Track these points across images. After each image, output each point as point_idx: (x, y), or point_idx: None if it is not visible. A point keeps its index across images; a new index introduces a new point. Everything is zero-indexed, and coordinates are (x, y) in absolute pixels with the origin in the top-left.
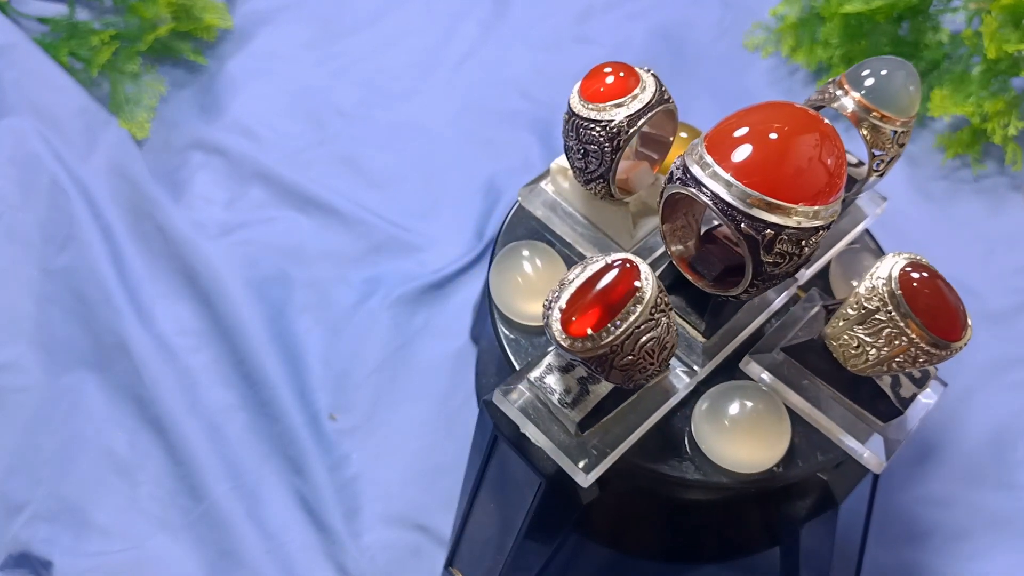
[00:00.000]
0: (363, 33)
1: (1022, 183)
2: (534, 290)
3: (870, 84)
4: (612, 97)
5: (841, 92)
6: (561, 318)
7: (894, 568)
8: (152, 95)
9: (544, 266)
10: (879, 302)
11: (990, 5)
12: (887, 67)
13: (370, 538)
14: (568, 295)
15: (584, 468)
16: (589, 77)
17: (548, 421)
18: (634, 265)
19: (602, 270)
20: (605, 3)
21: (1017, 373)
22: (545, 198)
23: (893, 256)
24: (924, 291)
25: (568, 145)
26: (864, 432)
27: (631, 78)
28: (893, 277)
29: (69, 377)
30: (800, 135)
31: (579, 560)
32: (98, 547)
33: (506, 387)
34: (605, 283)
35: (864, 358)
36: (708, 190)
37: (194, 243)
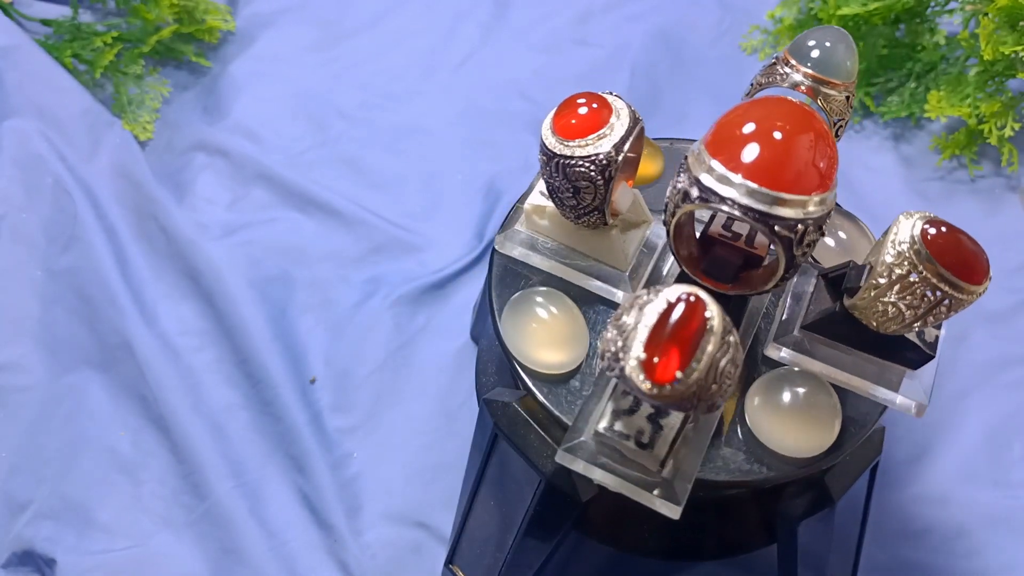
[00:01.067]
0: (364, 35)
1: (1018, 184)
2: (552, 338)
3: (816, 56)
4: (593, 129)
5: (790, 69)
6: (643, 366)
7: (891, 566)
8: (155, 97)
9: (560, 311)
10: (909, 265)
11: (987, 7)
12: (827, 38)
13: (371, 536)
14: (641, 341)
15: (675, 500)
16: (560, 115)
17: (623, 466)
18: (698, 297)
19: (667, 309)
20: (604, 5)
21: (1014, 372)
22: (522, 238)
23: (906, 217)
24: (948, 244)
25: (554, 185)
26: (897, 382)
27: (604, 107)
28: (916, 238)
29: (72, 377)
30: (797, 126)
31: (578, 558)
32: (101, 545)
33: (568, 446)
34: (676, 320)
35: (900, 320)
36: (735, 202)
37: (197, 244)
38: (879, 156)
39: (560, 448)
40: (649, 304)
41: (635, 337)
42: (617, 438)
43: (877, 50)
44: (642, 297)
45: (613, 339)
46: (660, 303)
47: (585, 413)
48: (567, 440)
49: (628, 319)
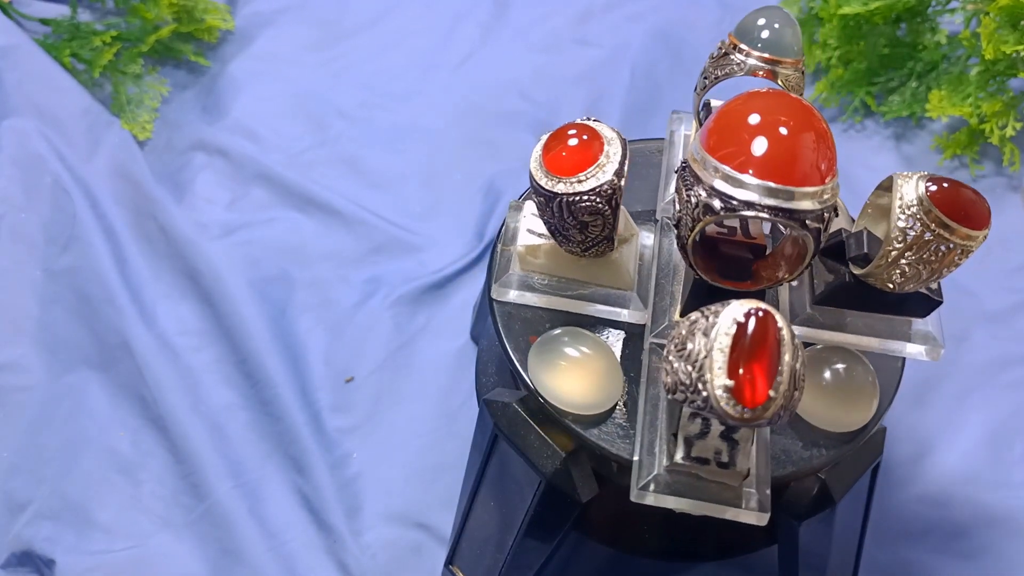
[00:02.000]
0: (364, 35)
1: (1019, 184)
2: (590, 379)
3: (766, 38)
4: (590, 160)
5: (743, 56)
6: (732, 393)
7: (892, 566)
8: (154, 96)
9: (591, 349)
10: (922, 226)
11: (988, 6)
12: (773, 19)
13: (371, 536)
14: (722, 367)
15: (764, 508)
16: (550, 153)
17: (703, 489)
18: (766, 310)
19: (740, 328)
20: (604, 5)
21: (1014, 372)
22: (517, 281)
23: (903, 180)
24: (953, 197)
25: (558, 224)
26: (908, 333)
27: (593, 136)
28: (923, 198)
29: (72, 377)
30: (795, 117)
31: (578, 558)
32: (101, 546)
33: (643, 483)
34: (752, 338)
35: (918, 278)
36: (761, 205)
37: (196, 243)
38: (880, 156)
39: (635, 488)
40: (715, 327)
41: (713, 364)
42: (697, 464)
43: (878, 49)
44: (699, 321)
45: (684, 370)
46: (728, 324)
47: (647, 445)
48: (640, 477)
49: (695, 346)
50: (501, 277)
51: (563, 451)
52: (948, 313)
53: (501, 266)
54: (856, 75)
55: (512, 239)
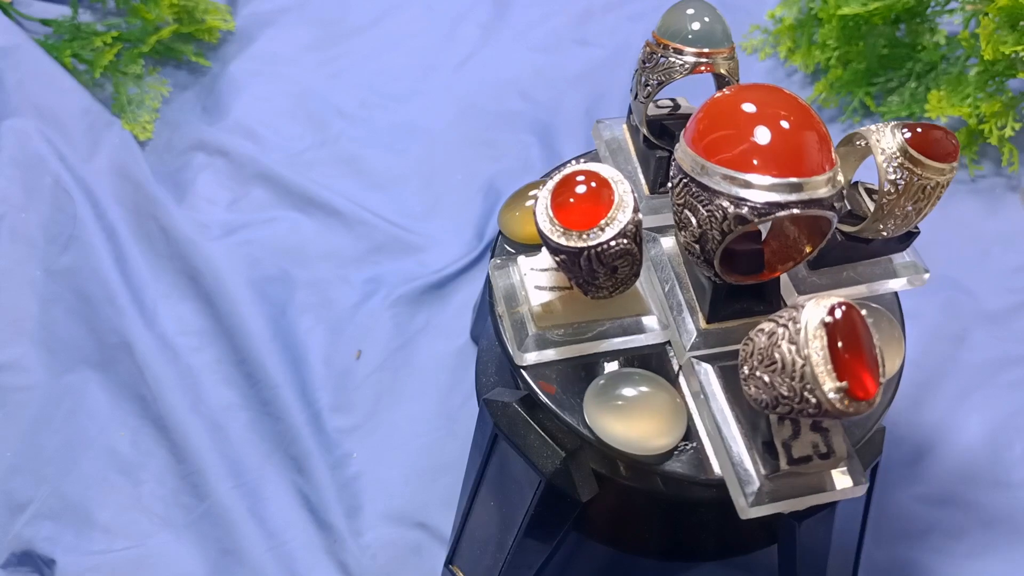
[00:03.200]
0: (364, 35)
1: (1019, 184)
2: (657, 420)
3: (697, 30)
4: (605, 205)
5: (679, 56)
6: (846, 392)
7: (891, 566)
8: (155, 96)
9: (650, 388)
10: (908, 173)
11: (987, 7)
12: (699, 12)
13: (371, 536)
14: (827, 370)
15: (856, 474)
16: (562, 211)
17: (800, 483)
18: (845, 302)
19: (832, 327)
20: (604, 5)
21: (1014, 372)
22: (535, 341)
23: (875, 133)
24: (928, 138)
25: (587, 277)
26: (894, 269)
27: (600, 182)
28: (904, 145)
29: (72, 376)
30: (788, 109)
31: (578, 558)
32: (101, 545)
33: (750, 500)
34: (845, 335)
35: (911, 219)
36: (793, 203)
37: (196, 243)
38: None
39: (746, 507)
40: (802, 333)
41: (815, 368)
42: (801, 464)
43: (878, 50)
44: (777, 331)
45: (782, 383)
46: (815, 327)
47: (738, 461)
48: (745, 495)
49: (786, 357)
50: (521, 342)
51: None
52: (946, 313)
53: (515, 330)
54: (855, 75)
55: (514, 300)
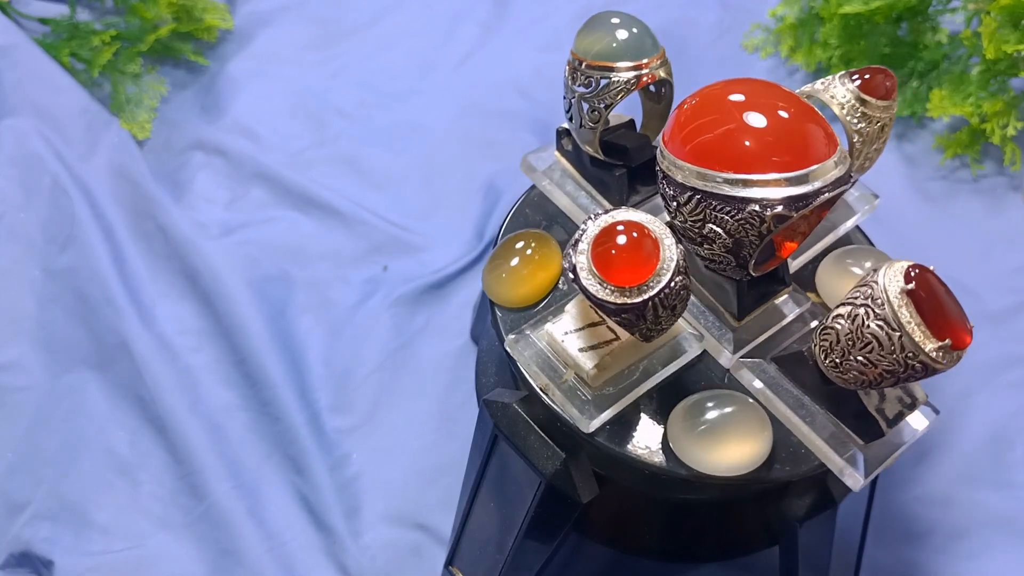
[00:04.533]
0: (363, 34)
1: (1021, 183)
2: (749, 436)
3: (627, 43)
4: (652, 250)
5: (620, 74)
6: (951, 350)
7: (893, 567)
8: (153, 96)
9: (738, 408)
10: (867, 118)
11: (989, 6)
12: (621, 25)
13: (370, 537)
14: (927, 333)
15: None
16: (611, 271)
17: (887, 440)
18: (917, 265)
19: (916, 293)
20: (604, 4)
21: (1015, 373)
22: (595, 404)
23: (827, 88)
24: (875, 83)
25: (651, 325)
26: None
27: (640, 232)
28: (858, 93)
29: (70, 377)
30: (777, 98)
31: (578, 559)
32: (99, 546)
33: (864, 468)
34: (926, 297)
35: (871, 160)
36: (822, 188)
37: (195, 243)
38: (881, 155)
39: (862, 478)
40: (886, 307)
41: (913, 336)
42: (897, 423)
43: (879, 49)
44: (858, 315)
45: (881, 359)
46: (898, 296)
47: (835, 446)
48: (853, 475)
49: (878, 333)
50: (583, 409)
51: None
52: None
53: (570, 400)
54: None
55: (554, 369)
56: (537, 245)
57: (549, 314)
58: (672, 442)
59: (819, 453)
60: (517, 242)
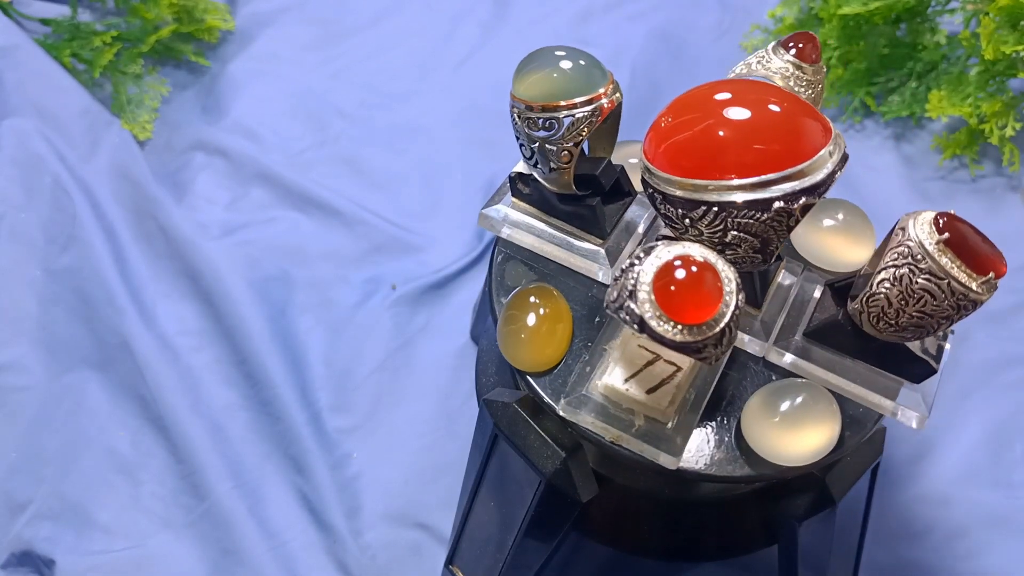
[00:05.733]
0: (364, 35)
1: (1019, 184)
2: (818, 423)
3: (571, 70)
4: (715, 282)
5: (572, 111)
6: (993, 280)
7: (892, 566)
8: (154, 96)
9: (812, 397)
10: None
11: (988, 7)
12: (570, 58)
13: (371, 536)
14: (969, 274)
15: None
16: (680, 313)
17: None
18: (940, 213)
19: (949, 241)
20: (604, 5)
21: (1014, 372)
22: (680, 435)
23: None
24: (956, 238)
25: (725, 348)
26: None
27: (701, 266)
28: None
29: (71, 377)
30: (761, 94)
31: (578, 558)
32: (100, 546)
33: (926, 407)
34: (961, 236)
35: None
36: (826, 179)
37: (196, 243)
38: (880, 156)
39: (926, 415)
40: (926, 259)
41: (960, 279)
42: (940, 358)
43: (878, 49)
44: (902, 274)
45: (936, 308)
46: (934, 247)
47: (885, 390)
48: (922, 415)
49: (928, 286)
50: (669, 448)
51: (563, 451)
52: None
53: (650, 441)
54: (856, 75)
55: (622, 420)
56: (541, 299)
57: (582, 365)
58: (749, 437)
59: (874, 406)
60: (523, 301)
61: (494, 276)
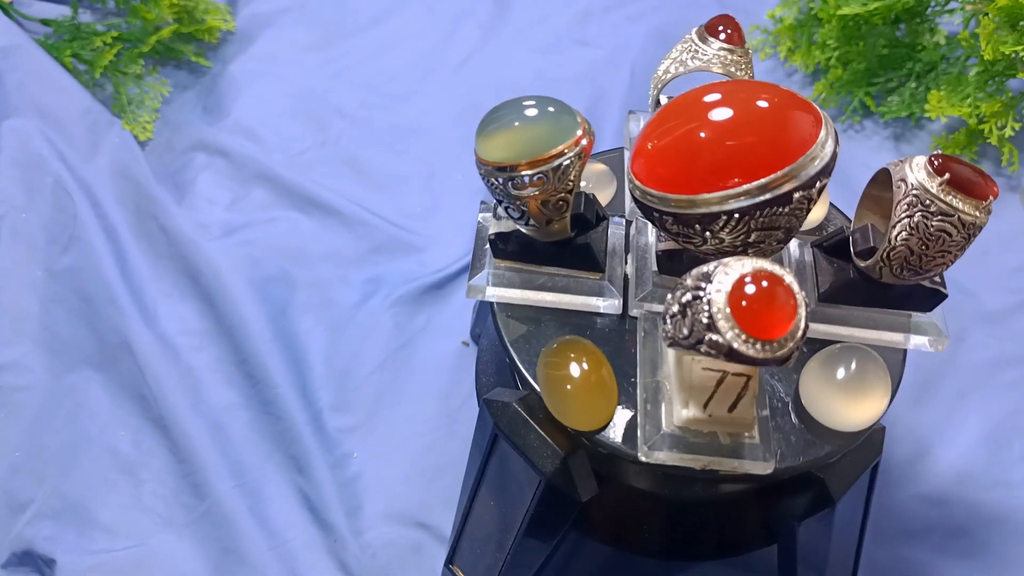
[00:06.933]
0: (364, 35)
1: (1018, 184)
2: (866, 390)
3: (551, 120)
4: (789, 296)
5: (558, 159)
6: None
7: (891, 565)
8: (155, 97)
9: (860, 361)
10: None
11: (987, 7)
12: (539, 108)
13: (371, 535)
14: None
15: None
16: (760, 328)
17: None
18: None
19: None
20: (604, 6)
21: (1013, 372)
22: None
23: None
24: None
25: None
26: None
27: (771, 279)
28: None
29: (73, 376)
30: (747, 93)
31: (578, 557)
32: (101, 545)
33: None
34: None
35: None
36: (821, 168)
37: (197, 243)
38: (879, 156)
39: (950, 335)
40: (938, 199)
41: (968, 208)
42: None
43: (877, 50)
44: (928, 220)
45: (955, 242)
46: (940, 187)
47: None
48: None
49: (944, 225)
50: (762, 457)
51: (563, 451)
52: (948, 313)
53: (746, 460)
54: (855, 75)
55: (710, 444)
56: (580, 351)
57: (643, 404)
58: (815, 410)
59: (896, 344)
60: (571, 348)
61: (504, 336)
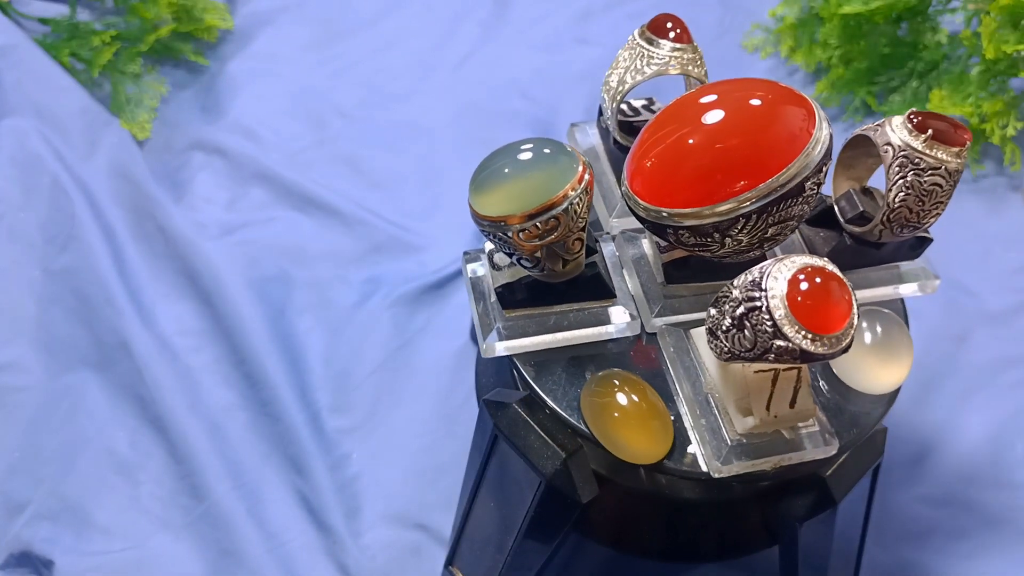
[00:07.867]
0: (363, 34)
1: (1021, 183)
2: (891, 356)
3: (551, 161)
4: (843, 292)
5: (567, 199)
6: None
7: (892, 567)
8: (153, 96)
9: (886, 326)
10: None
11: (989, 6)
12: (534, 150)
13: (370, 537)
14: None
15: None
16: (820, 324)
17: None
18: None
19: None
20: (604, 4)
21: (1015, 372)
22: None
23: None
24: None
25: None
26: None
27: (828, 277)
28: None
29: (70, 377)
30: (741, 92)
31: (578, 559)
32: (99, 546)
33: None
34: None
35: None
36: (815, 164)
37: (195, 243)
38: None
39: None
40: (926, 154)
41: (951, 156)
42: None
43: (879, 49)
44: (921, 177)
45: (945, 191)
46: (924, 143)
47: None
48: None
49: (935, 179)
50: (826, 443)
51: (563, 452)
52: (948, 313)
53: (813, 448)
54: (857, 74)
55: (779, 441)
56: (622, 381)
57: (697, 420)
58: (841, 370)
59: (893, 296)
60: (606, 386)
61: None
